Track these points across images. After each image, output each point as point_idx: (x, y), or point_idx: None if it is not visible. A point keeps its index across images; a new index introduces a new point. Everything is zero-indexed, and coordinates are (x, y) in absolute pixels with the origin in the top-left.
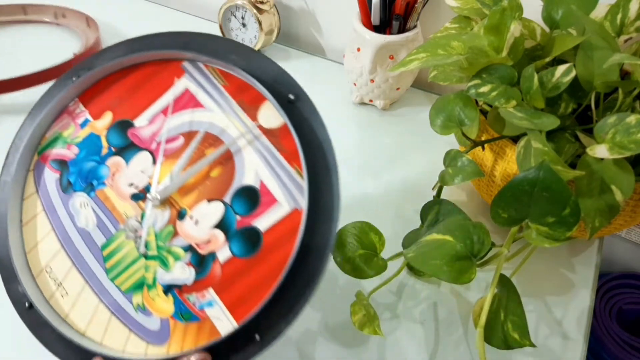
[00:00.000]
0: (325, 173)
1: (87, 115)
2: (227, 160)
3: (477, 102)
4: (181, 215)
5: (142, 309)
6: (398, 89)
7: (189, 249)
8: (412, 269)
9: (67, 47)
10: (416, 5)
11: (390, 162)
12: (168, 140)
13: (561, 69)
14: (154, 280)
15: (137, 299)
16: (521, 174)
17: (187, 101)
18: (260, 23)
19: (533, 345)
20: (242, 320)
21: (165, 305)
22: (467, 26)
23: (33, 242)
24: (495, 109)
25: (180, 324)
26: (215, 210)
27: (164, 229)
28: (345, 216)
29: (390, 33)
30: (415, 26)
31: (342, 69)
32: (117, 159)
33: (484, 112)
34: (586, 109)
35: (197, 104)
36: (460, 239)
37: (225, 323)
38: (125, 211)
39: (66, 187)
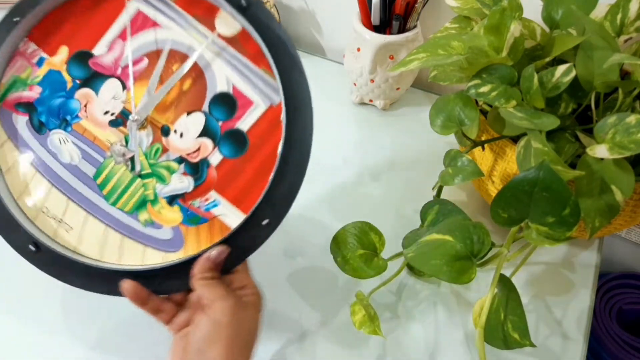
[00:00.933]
0: (292, 67)
1: (41, 53)
2: (197, 73)
3: (477, 102)
4: (165, 131)
5: (151, 223)
6: (398, 89)
7: (181, 160)
8: (412, 269)
9: None
10: (416, 5)
11: (390, 162)
12: (133, 63)
13: (561, 69)
14: (155, 195)
15: (143, 215)
16: (521, 174)
17: (142, 22)
18: None
19: (533, 345)
20: (249, 210)
21: (172, 214)
22: (467, 26)
23: (20, 188)
24: (495, 109)
25: (191, 228)
26: (196, 121)
27: (152, 147)
28: (345, 216)
29: (390, 33)
30: (415, 26)
31: (342, 69)
32: (85, 91)
33: (484, 112)
34: (586, 109)
35: (153, 24)
36: (460, 238)
37: (233, 217)
38: (108, 138)
39: (39, 128)
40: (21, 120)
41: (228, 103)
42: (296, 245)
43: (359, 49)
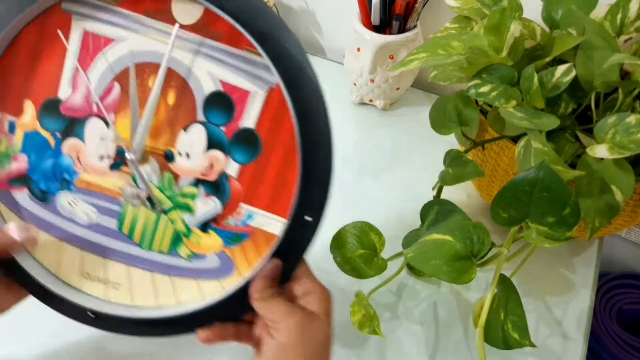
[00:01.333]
0: (279, 33)
1: (7, 117)
2: (176, 80)
3: (477, 102)
4: (168, 157)
5: (193, 255)
6: (398, 89)
7: (197, 183)
8: (412, 269)
9: None
10: (416, 5)
11: (390, 162)
12: (104, 95)
13: (561, 69)
14: (186, 226)
15: (183, 251)
16: (521, 174)
17: (94, 43)
18: None
19: (533, 345)
20: (286, 211)
21: (211, 241)
22: (467, 26)
23: (54, 262)
24: (495, 109)
25: (236, 247)
26: (197, 135)
27: (162, 178)
28: (345, 216)
29: (390, 33)
30: (415, 26)
31: (342, 69)
32: (70, 142)
33: (484, 112)
34: (586, 109)
35: (106, 41)
36: (460, 238)
37: (273, 224)
38: (115, 184)
39: (43, 197)
40: (21, 196)
41: (222, 102)
42: None
43: (359, 49)
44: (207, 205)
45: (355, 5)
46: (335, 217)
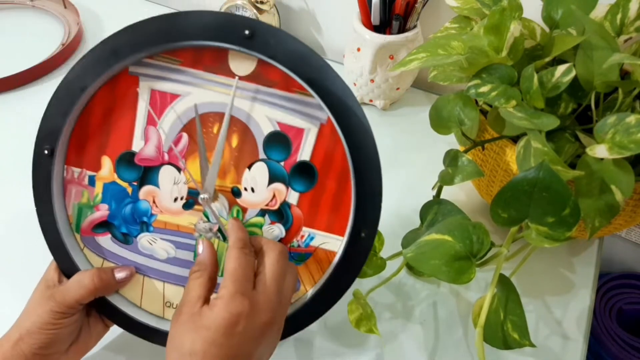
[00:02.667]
0: (325, 75)
1: (87, 173)
2: (238, 125)
3: (477, 102)
4: (235, 193)
5: None
6: (398, 89)
7: (263, 213)
8: (412, 269)
9: (47, 32)
10: (416, 5)
11: (390, 162)
12: (173, 144)
13: (561, 68)
14: None
15: None
16: (521, 174)
17: (161, 100)
18: None
19: (533, 345)
20: (344, 230)
21: None
22: (467, 26)
23: (138, 296)
24: (495, 109)
25: (300, 267)
26: (260, 171)
27: (231, 212)
28: None
29: (390, 33)
30: (415, 26)
31: (342, 69)
32: (147, 189)
33: (484, 112)
34: (586, 109)
35: (172, 97)
36: (460, 239)
37: (332, 242)
38: (189, 222)
39: (125, 239)
40: (104, 240)
41: (281, 141)
42: None
43: (359, 49)
44: (272, 232)
45: (355, 5)
46: None
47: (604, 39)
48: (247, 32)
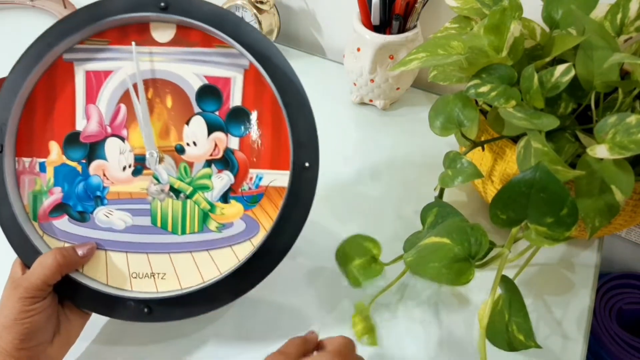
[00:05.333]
0: (236, 26)
1: (37, 160)
2: (169, 87)
3: (477, 102)
4: (179, 150)
5: (222, 226)
6: (398, 89)
7: (209, 164)
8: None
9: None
10: (416, 5)
11: (390, 162)
12: (114, 117)
13: (560, 68)
14: (210, 204)
15: (212, 225)
16: (518, 175)
17: (96, 79)
18: (260, 23)
19: (538, 347)
20: (288, 164)
21: (233, 209)
22: (467, 26)
23: (102, 272)
24: (495, 109)
25: (255, 208)
26: (198, 125)
27: (179, 169)
28: (345, 216)
29: (390, 33)
30: (415, 26)
31: (342, 69)
32: (95, 163)
33: (484, 112)
34: (586, 109)
35: (106, 74)
36: (458, 241)
37: (281, 178)
38: (141, 187)
39: (81, 218)
40: (62, 223)
41: (211, 93)
42: (296, 245)
43: (359, 49)
44: (221, 180)
45: (355, 5)
46: (336, 216)
47: (604, 39)
48: (162, 4)
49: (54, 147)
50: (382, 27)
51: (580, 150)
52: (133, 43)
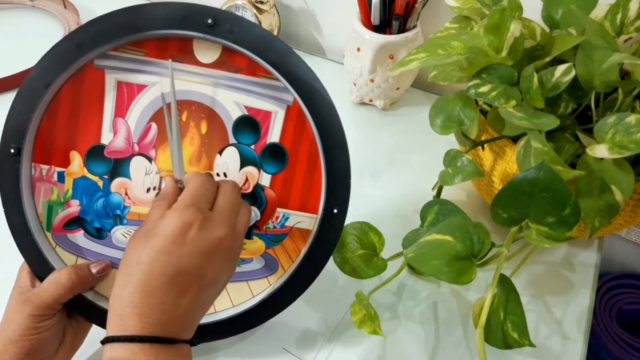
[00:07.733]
0: (287, 58)
1: (56, 169)
2: (206, 112)
3: (477, 102)
4: None
5: (242, 261)
6: (398, 89)
7: None
8: (413, 269)
9: (47, 32)
10: (416, 5)
11: (390, 162)
12: (143, 135)
13: (561, 68)
14: None
15: None
16: (521, 174)
17: (128, 91)
18: (260, 23)
19: (532, 345)
20: (316, 209)
21: (255, 245)
22: (467, 26)
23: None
24: (495, 109)
25: (277, 247)
26: (231, 156)
27: None
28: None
29: (390, 33)
30: (415, 26)
31: (342, 69)
32: (118, 181)
33: (484, 112)
34: (586, 109)
35: (139, 88)
36: (460, 239)
37: (307, 221)
38: None
39: (98, 234)
40: (78, 237)
41: (250, 125)
42: None
43: (359, 49)
44: None
45: (355, 5)
46: None
47: (604, 39)
48: (209, 20)
49: (76, 158)
50: (382, 27)
51: (580, 150)
52: (170, 60)
